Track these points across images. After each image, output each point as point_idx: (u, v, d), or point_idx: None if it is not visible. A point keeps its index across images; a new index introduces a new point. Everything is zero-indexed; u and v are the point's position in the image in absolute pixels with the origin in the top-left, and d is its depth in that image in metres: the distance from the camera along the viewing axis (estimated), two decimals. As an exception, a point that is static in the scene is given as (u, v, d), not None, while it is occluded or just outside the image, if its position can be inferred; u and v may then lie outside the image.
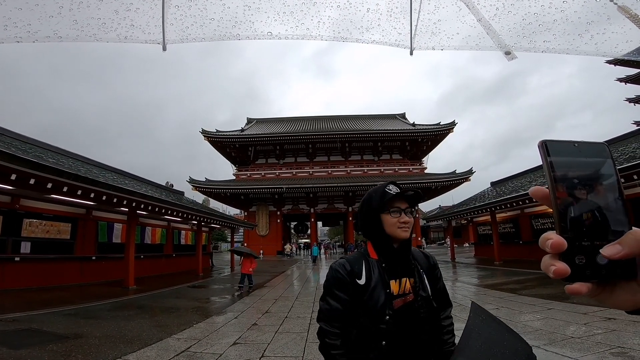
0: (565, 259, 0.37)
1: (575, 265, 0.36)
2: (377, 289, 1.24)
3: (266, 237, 33.03)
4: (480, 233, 22.29)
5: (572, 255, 0.36)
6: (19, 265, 9.22)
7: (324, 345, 1.26)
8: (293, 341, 4.78)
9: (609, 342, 3.97)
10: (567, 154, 0.39)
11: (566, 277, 0.36)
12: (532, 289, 8.30)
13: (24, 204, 9.73)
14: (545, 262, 0.38)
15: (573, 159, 0.39)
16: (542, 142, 0.40)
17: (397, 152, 35.46)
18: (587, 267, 0.36)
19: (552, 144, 0.39)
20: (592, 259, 0.36)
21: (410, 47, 1.17)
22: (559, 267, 0.36)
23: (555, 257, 0.37)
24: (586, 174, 0.38)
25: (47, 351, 4.20)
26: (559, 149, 0.39)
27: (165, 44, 1.06)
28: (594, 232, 0.37)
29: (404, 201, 1.31)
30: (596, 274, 0.36)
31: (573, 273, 0.36)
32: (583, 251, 0.36)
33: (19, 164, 6.48)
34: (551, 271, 0.37)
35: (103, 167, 13.33)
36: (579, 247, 0.37)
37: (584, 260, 0.36)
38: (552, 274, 0.37)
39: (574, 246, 0.36)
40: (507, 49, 1.07)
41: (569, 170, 0.38)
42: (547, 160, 0.39)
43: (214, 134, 32.85)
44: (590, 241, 0.36)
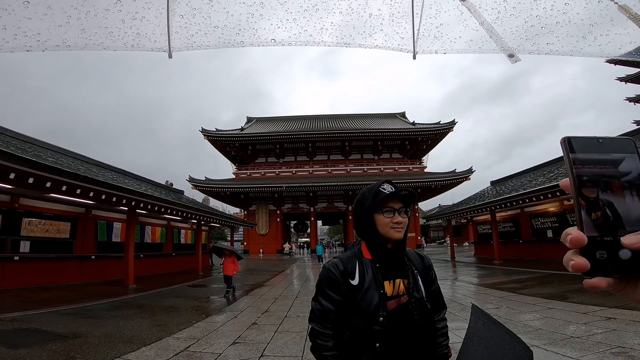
0: (586, 254, 0.36)
1: (595, 260, 0.36)
2: (370, 289, 1.22)
3: (266, 236, 33.05)
4: (480, 232, 22.29)
5: (593, 250, 0.36)
6: (18, 265, 9.20)
7: (315, 346, 1.23)
8: (292, 340, 4.77)
9: (609, 342, 3.96)
10: (590, 150, 0.39)
11: (586, 271, 0.36)
12: (533, 288, 8.29)
13: (23, 203, 9.70)
14: (566, 257, 0.38)
15: (596, 155, 0.39)
16: (565, 138, 0.40)
17: (397, 151, 35.47)
18: (609, 262, 0.36)
19: (575, 140, 0.39)
20: (614, 254, 0.36)
21: (413, 51, 1.16)
22: (577, 262, 0.36)
23: (576, 251, 0.37)
24: (610, 169, 0.38)
25: (47, 351, 4.19)
26: (582, 145, 0.39)
27: (171, 52, 1.07)
28: (616, 227, 0.36)
29: (398, 201, 1.28)
30: (617, 269, 0.36)
31: (593, 268, 0.36)
32: (605, 246, 0.36)
33: (18, 163, 6.47)
34: (570, 265, 0.37)
35: (102, 166, 13.32)
36: (601, 243, 0.36)
37: (605, 255, 0.36)
38: (571, 268, 0.37)
39: (595, 241, 0.36)
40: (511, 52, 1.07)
41: (592, 167, 0.38)
42: (569, 157, 0.38)
43: (214, 133, 32.83)
44: (613, 236, 0.36)
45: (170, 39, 1.06)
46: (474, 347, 1.17)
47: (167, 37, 1.05)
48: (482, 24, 1.05)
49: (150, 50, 1.06)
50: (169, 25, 1.04)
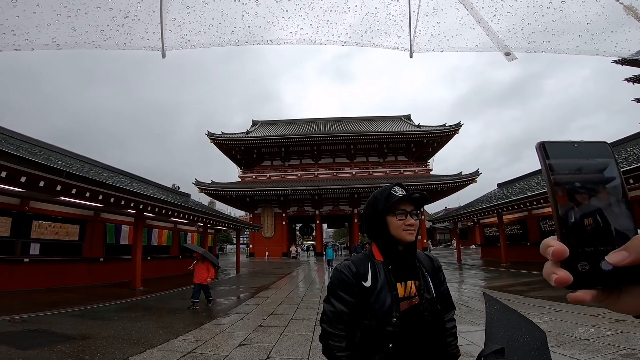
0: (568, 266, 0.35)
1: (578, 272, 0.35)
2: (383, 291, 1.23)
3: (271, 239, 33.08)
4: (487, 235, 22.11)
5: (574, 262, 0.35)
6: (28, 267, 9.33)
7: (327, 347, 1.24)
8: (298, 343, 4.78)
9: (618, 344, 3.92)
10: (566, 156, 0.37)
11: (569, 285, 0.35)
12: (540, 291, 8.20)
13: (33, 205, 9.86)
14: (547, 270, 0.36)
15: (573, 160, 0.37)
16: (540, 143, 0.38)
17: (403, 153, 35.35)
18: (591, 274, 0.34)
19: (550, 146, 0.38)
20: (596, 265, 0.34)
21: (410, 49, 1.16)
22: (560, 276, 0.35)
23: (556, 264, 0.36)
24: (588, 176, 0.36)
25: (55, 352, 4.25)
26: (558, 150, 0.37)
27: (165, 51, 1.06)
28: (598, 237, 0.35)
29: (410, 203, 1.30)
30: (600, 281, 0.34)
31: (576, 280, 0.34)
32: (586, 257, 0.35)
33: (28, 166, 6.58)
34: (552, 279, 0.35)
35: (111, 169, 13.48)
36: (582, 254, 0.35)
37: (587, 267, 0.35)
38: (554, 282, 0.35)
39: (577, 253, 0.35)
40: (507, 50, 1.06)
41: (569, 173, 0.36)
42: (546, 163, 0.37)
43: (220, 136, 33.02)
44: (594, 247, 0.35)
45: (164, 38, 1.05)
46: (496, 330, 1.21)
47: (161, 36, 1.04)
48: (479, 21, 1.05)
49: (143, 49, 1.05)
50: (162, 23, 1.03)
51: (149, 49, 1.06)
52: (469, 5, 1.03)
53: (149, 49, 1.06)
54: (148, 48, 1.06)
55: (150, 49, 1.06)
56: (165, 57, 1.08)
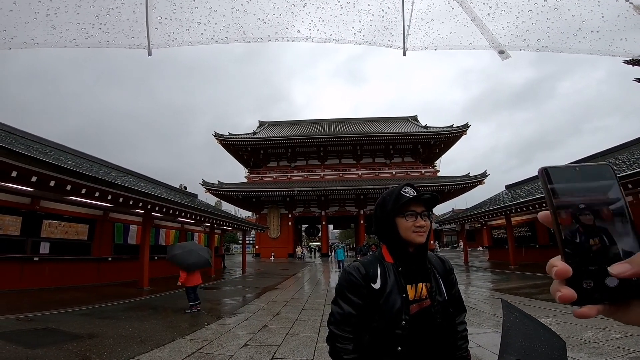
0: (572, 284, 0.36)
1: (582, 289, 0.36)
2: (392, 293, 1.21)
3: (277, 239, 33.15)
4: (494, 237, 21.89)
5: (579, 280, 0.36)
6: (37, 265, 9.48)
7: (334, 350, 1.23)
8: (303, 344, 4.77)
9: (627, 347, 3.86)
10: (569, 180, 0.38)
11: (573, 301, 0.36)
12: (549, 294, 8.04)
13: (43, 205, 10.00)
14: (553, 288, 0.38)
15: (575, 184, 0.38)
16: (542, 169, 0.39)
17: (409, 154, 35.19)
18: (596, 290, 0.36)
19: (553, 170, 0.39)
20: (601, 282, 0.36)
21: (404, 47, 1.14)
22: (564, 293, 0.36)
23: (562, 282, 0.37)
24: (590, 198, 0.37)
25: (63, 350, 4.30)
26: (560, 175, 0.39)
27: (151, 49, 1.05)
28: (602, 256, 0.36)
29: (420, 204, 1.27)
30: (605, 297, 0.36)
31: (580, 297, 0.36)
32: (590, 275, 0.36)
33: (40, 166, 6.67)
34: (557, 297, 0.37)
35: (120, 169, 13.63)
36: (586, 272, 0.36)
37: (592, 285, 0.36)
38: (558, 299, 0.36)
39: (581, 271, 0.36)
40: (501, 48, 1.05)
41: (572, 196, 0.37)
42: (548, 188, 0.38)
43: (226, 137, 33.21)
44: (598, 266, 0.36)
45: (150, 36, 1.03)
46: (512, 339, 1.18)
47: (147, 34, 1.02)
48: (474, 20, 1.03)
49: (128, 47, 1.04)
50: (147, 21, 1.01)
51: (134, 47, 1.05)
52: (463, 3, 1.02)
53: (134, 47, 1.05)
54: (133, 46, 1.04)
55: (135, 47, 1.05)
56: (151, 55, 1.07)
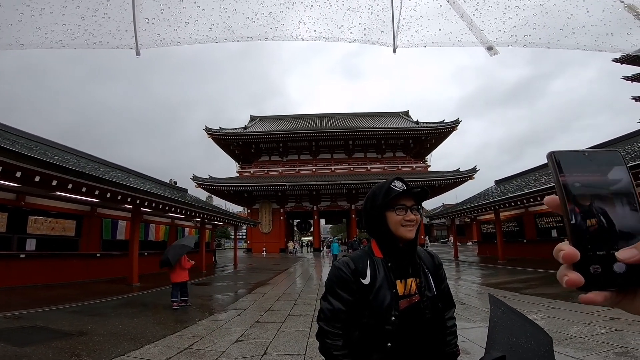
0: (580, 269, 0.36)
1: (590, 274, 0.35)
2: (382, 289, 1.21)
3: (269, 234, 33.14)
4: (483, 231, 22.21)
5: (586, 265, 0.36)
6: (24, 263, 9.31)
7: (324, 346, 1.22)
8: (295, 339, 4.79)
9: (612, 342, 3.95)
10: (577, 164, 0.38)
11: (580, 286, 0.36)
12: (536, 288, 8.26)
13: (29, 201, 9.80)
14: (560, 272, 0.37)
15: (584, 168, 0.38)
16: (551, 153, 0.39)
17: (401, 149, 35.38)
18: (603, 276, 0.35)
19: (561, 155, 0.39)
20: (609, 267, 0.35)
21: (393, 44, 1.14)
22: (571, 277, 0.36)
23: (569, 267, 0.37)
24: (598, 183, 0.37)
25: (52, 348, 4.24)
26: (568, 159, 0.39)
27: (139, 49, 1.04)
28: (610, 241, 0.36)
29: (410, 198, 1.26)
30: (613, 283, 0.35)
31: (588, 282, 0.35)
32: (598, 261, 0.36)
33: (24, 161, 6.53)
34: (564, 281, 0.36)
35: (107, 164, 13.40)
36: (594, 257, 0.36)
37: (599, 270, 0.35)
38: (565, 283, 0.36)
39: (588, 256, 0.36)
40: (489, 44, 1.05)
41: (580, 181, 0.37)
42: (557, 172, 0.38)
43: (217, 131, 32.91)
44: (606, 250, 0.36)
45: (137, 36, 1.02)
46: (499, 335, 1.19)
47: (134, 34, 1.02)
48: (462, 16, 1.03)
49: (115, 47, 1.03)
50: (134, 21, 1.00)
51: (122, 47, 1.04)
52: None
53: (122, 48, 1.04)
54: (121, 47, 1.03)
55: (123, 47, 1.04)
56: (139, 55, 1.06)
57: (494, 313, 1.29)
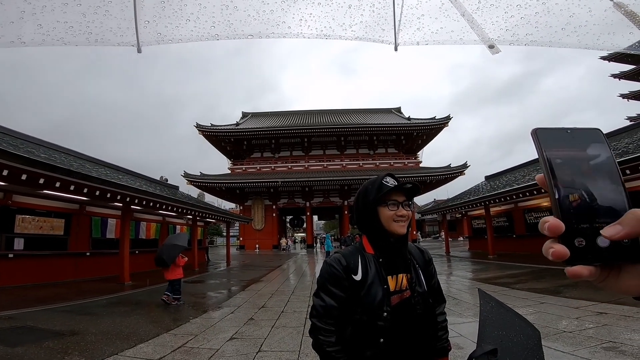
0: (565, 242, 0.36)
1: (575, 248, 0.36)
2: (374, 284, 1.21)
3: (262, 231, 33.06)
4: (474, 227, 22.50)
5: (571, 238, 0.36)
6: (12, 262, 9.13)
7: (317, 342, 1.23)
8: (289, 335, 4.81)
9: (600, 337, 4.03)
10: (560, 140, 0.39)
11: (566, 259, 0.36)
12: (526, 283, 8.41)
13: (16, 199, 9.61)
14: (546, 245, 0.38)
15: (567, 144, 0.39)
16: (535, 129, 0.40)
17: (393, 146, 35.52)
18: (588, 250, 0.36)
19: (544, 132, 0.40)
20: (593, 241, 0.36)
21: (395, 42, 1.14)
22: (557, 249, 0.36)
23: (555, 240, 0.37)
24: (581, 158, 0.39)
25: (44, 348, 4.19)
26: (551, 136, 0.40)
27: (140, 47, 1.04)
28: (593, 214, 0.36)
29: (402, 194, 1.28)
30: (597, 257, 0.36)
31: (573, 256, 0.36)
32: (582, 234, 0.36)
33: (10, 159, 6.40)
34: (550, 253, 0.36)
35: (96, 162, 13.20)
36: (579, 230, 0.36)
37: (583, 243, 0.36)
38: (551, 256, 0.36)
39: (573, 229, 0.36)
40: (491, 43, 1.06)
41: (564, 156, 0.39)
42: (541, 147, 0.39)
43: (209, 128, 32.60)
44: (590, 224, 0.36)
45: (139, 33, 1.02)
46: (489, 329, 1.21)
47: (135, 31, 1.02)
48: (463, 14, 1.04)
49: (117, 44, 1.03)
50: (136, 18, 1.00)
51: (123, 44, 1.03)
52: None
53: (123, 45, 1.04)
54: (122, 44, 1.03)
55: (124, 44, 1.03)
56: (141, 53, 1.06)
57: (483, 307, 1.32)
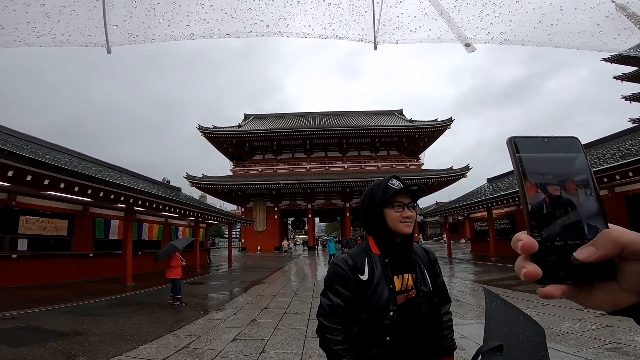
0: (538, 261, 0.34)
1: (547, 266, 0.34)
2: (380, 284, 1.24)
3: (263, 233, 33.05)
4: (476, 229, 22.44)
5: (544, 256, 0.34)
6: (16, 263, 9.19)
7: (324, 341, 1.24)
8: (292, 337, 4.82)
9: (603, 338, 4.03)
10: (536, 150, 0.37)
11: (538, 279, 0.34)
12: (528, 285, 8.36)
13: (20, 200, 9.66)
14: (518, 264, 0.36)
15: (543, 154, 0.37)
16: (511, 138, 0.38)
17: (394, 148, 35.51)
18: (561, 268, 0.34)
19: (520, 141, 0.38)
20: (566, 259, 0.34)
21: (374, 41, 1.15)
22: (529, 270, 0.34)
23: (527, 258, 0.35)
24: (557, 170, 0.36)
25: (48, 348, 4.21)
26: (528, 145, 0.37)
27: (110, 47, 1.02)
28: (567, 231, 0.35)
29: (407, 196, 1.31)
30: (571, 276, 0.34)
31: (545, 275, 0.34)
32: (556, 252, 0.34)
33: (15, 160, 6.44)
34: (522, 273, 0.35)
35: (99, 163, 13.25)
36: (552, 248, 0.34)
37: (556, 261, 0.34)
38: (523, 276, 0.35)
39: (546, 246, 0.34)
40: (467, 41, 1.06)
41: (539, 167, 0.36)
42: (516, 157, 0.37)
43: (211, 130, 32.70)
44: (563, 241, 0.34)
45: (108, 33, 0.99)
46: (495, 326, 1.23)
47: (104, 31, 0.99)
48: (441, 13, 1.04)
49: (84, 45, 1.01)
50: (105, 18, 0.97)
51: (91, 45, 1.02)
52: None
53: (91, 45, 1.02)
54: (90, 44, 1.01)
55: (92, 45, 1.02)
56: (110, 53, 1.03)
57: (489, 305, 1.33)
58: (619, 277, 0.34)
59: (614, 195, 11.80)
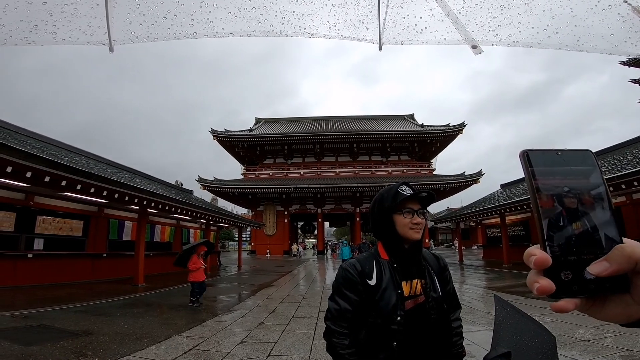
0: (550, 275, 0.34)
1: (561, 281, 0.34)
2: (388, 289, 1.24)
3: (273, 236, 33.15)
4: (489, 235, 22.06)
5: (557, 271, 0.34)
6: (31, 262, 9.41)
7: (331, 345, 1.25)
8: (300, 340, 4.80)
9: (618, 345, 3.93)
10: (550, 164, 0.37)
11: (551, 294, 0.34)
12: (542, 293, 8.17)
13: (37, 201, 9.92)
14: (530, 279, 0.36)
15: (556, 168, 0.37)
16: (524, 151, 0.38)
17: (406, 153, 35.29)
18: (574, 282, 0.34)
19: (534, 154, 0.38)
20: (579, 274, 0.34)
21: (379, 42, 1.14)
22: (542, 285, 0.34)
23: (539, 273, 0.35)
24: (571, 183, 0.36)
25: (59, 347, 4.28)
26: (541, 158, 0.37)
27: (112, 45, 1.02)
28: (581, 245, 0.35)
29: (417, 202, 1.30)
30: (584, 290, 0.34)
31: (559, 289, 0.34)
32: (569, 266, 0.34)
33: (34, 161, 6.62)
34: (535, 288, 0.35)
35: (114, 165, 13.54)
36: (565, 262, 0.34)
37: (570, 276, 0.34)
38: (536, 291, 0.34)
39: (560, 261, 0.34)
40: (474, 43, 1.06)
41: (553, 181, 0.36)
42: (529, 171, 0.37)
43: (223, 133, 33.09)
44: (577, 255, 0.34)
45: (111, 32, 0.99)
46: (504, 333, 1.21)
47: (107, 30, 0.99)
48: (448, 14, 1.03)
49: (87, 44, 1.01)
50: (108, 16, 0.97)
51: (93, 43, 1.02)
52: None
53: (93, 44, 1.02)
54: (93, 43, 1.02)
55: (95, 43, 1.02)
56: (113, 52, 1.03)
57: (499, 312, 1.31)
58: (632, 289, 0.34)
59: (631, 202, 11.46)
